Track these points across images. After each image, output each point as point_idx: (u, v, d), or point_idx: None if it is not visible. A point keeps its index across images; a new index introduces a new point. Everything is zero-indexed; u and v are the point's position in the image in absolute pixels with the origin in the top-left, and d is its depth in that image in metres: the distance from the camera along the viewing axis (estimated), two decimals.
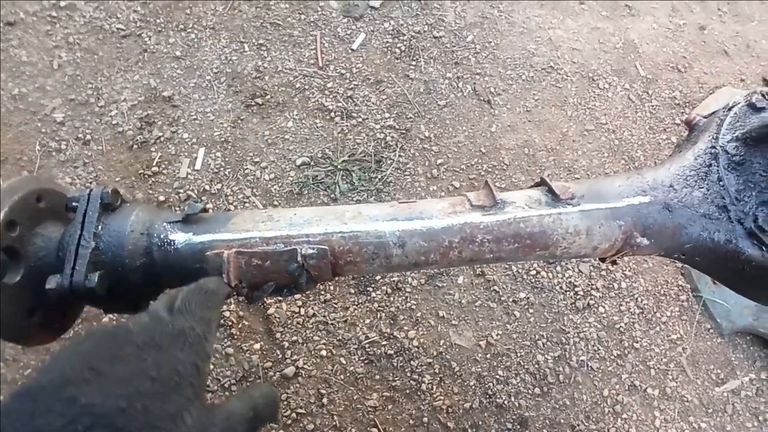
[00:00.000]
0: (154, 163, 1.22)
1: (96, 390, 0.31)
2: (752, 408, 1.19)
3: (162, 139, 1.25)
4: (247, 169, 1.24)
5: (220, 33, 1.41)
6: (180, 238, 0.59)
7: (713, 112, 0.79)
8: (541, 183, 0.69)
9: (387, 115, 1.35)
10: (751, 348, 1.25)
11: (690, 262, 0.73)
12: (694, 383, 1.19)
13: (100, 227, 0.58)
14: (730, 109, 0.74)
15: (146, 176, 1.21)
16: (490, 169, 1.32)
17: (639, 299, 1.25)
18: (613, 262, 0.74)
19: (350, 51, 1.43)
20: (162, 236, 0.59)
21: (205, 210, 0.62)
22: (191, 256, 0.59)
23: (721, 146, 0.70)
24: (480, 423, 1.07)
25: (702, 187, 0.69)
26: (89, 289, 0.53)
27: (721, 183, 0.67)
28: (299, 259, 0.59)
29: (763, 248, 0.64)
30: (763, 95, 0.71)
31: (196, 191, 1.20)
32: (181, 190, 1.20)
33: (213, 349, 0.39)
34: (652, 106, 1.53)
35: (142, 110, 1.28)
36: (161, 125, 1.27)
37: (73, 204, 0.58)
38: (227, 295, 0.54)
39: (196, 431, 0.34)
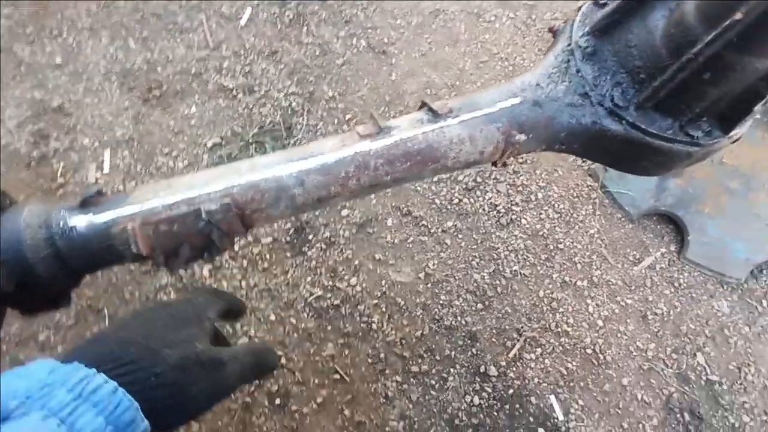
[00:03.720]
0: (59, 175, 1.18)
1: (127, 329, 0.46)
2: (667, 277, 1.33)
3: (61, 149, 1.21)
4: (159, 161, 1.23)
5: (99, 32, 1.36)
6: (80, 222, 0.59)
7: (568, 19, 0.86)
8: (422, 106, 0.74)
9: (288, 82, 1.36)
10: (659, 226, 1.39)
11: (571, 151, 0.81)
12: (615, 268, 1.31)
13: None
14: (579, 10, 0.81)
15: (53, 189, 1.17)
16: (397, 115, 1.37)
17: (555, 205, 1.35)
18: (504, 164, 0.81)
19: (239, 28, 1.43)
20: (61, 224, 0.58)
21: (100, 193, 0.62)
22: (96, 238, 0.59)
23: (575, 42, 0.77)
24: (434, 346, 1.14)
25: (564, 81, 0.76)
26: None
27: (579, 74, 0.75)
28: (204, 216, 0.60)
29: (623, 122, 0.72)
30: None
31: (110, 193, 1.18)
32: None
33: (214, 315, 0.54)
34: (537, 29, 1.62)
35: (32, 125, 1.23)
36: (57, 136, 1.22)
37: None
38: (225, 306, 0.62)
39: (206, 356, 0.46)
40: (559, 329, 1.22)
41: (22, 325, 1.04)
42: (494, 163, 0.79)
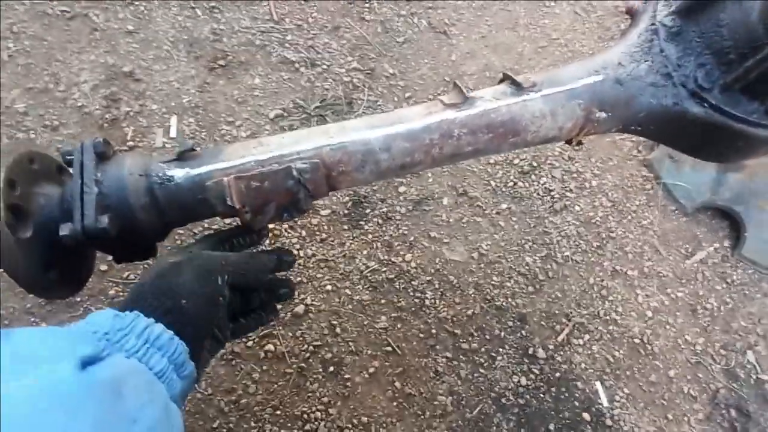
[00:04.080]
0: (129, 138, 1.23)
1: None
2: (719, 273, 1.31)
3: (131, 113, 1.25)
4: (222, 129, 1.26)
5: (169, 1, 1.39)
6: (178, 173, 0.62)
7: None
8: (505, 78, 0.75)
9: (350, 58, 1.38)
10: (713, 221, 1.37)
11: (646, 133, 0.81)
12: (667, 260, 1.31)
13: (99, 174, 0.59)
14: None
15: (123, 152, 1.21)
16: None
17: (609, 194, 1.34)
18: (579, 143, 0.81)
19: (303, 2, 1.44)
20: (161, 174, 0.61)
21: (193, 149, 0.64)
22: (192, 189, 0.62)
23: (659, 21, 0.76)
24: (484, 326, 1.16)
25: (647, 60, 0.75)
26: (101, 229, 0.55)
27: (663, 53, 0.74)
28: (294, 174, 0.63)
29: (705, 105, 0.72)
30: None
31: None
32: None
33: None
34: (598, 16, 1.60)
35: (105, 89, 1.27)
36: (127, 100, 1.26)
37: (68, 157, 0.60)
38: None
39: (182, 256, 0.56)
40: (608, 317, 1.22)
41: (93, 280, 1.10)
42: (569, 141, 0.80)
